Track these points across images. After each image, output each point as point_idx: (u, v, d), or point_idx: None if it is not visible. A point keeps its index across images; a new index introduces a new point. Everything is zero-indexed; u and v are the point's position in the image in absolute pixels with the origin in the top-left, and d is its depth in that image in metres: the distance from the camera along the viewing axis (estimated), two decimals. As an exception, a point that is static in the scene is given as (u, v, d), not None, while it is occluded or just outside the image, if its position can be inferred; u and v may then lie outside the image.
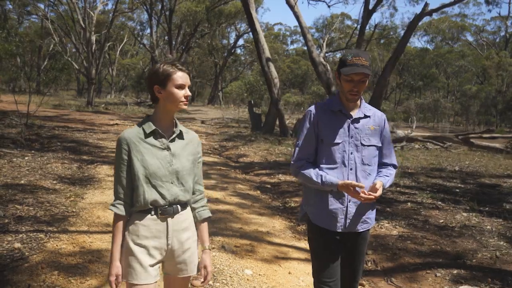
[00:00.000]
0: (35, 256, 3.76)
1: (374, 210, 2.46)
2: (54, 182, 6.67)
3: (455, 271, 4.08)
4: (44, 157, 8.56)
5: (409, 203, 6.68)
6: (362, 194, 2.21)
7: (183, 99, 1.99)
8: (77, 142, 11.19)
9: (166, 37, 38.08)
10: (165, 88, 1.98)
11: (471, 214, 6.15)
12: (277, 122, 17.27)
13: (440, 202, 6.82)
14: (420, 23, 39.14)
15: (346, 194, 2.31)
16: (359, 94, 2.31)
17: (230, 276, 3.64)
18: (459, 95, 40.67)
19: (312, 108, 2.43)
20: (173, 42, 34.98)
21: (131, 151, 1.97)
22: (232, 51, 48.32)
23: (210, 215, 2.19)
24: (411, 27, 15.82)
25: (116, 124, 17.49)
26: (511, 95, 35.51)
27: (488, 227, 5.54)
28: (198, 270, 2.11)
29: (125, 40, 44.53)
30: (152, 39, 36.46)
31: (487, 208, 6.50)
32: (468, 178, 9.64)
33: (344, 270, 2.44)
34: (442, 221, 5.79)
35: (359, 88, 2.28)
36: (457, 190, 7.92)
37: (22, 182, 6.42)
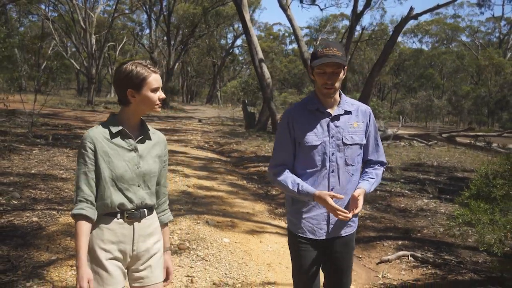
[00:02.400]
0: (50, 227, 4.56)
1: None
2: (61, 172, 7.45)
3: (400, 242, 4.89)
4: (50, 151, 9.33)
5: (378, 191, 7.48)
6: (340, 214, 2.06)
7: (158, 102, 1.94)
8: (80, 138, 11.95)
9: (165, 38, 38.82)
10: (140, 91, 1.90)
11: (431, 200, 6.95)
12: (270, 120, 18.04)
13: (407, 191, 7.62)
14: (412, 25, 39.72)
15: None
16: (334, 87, 2.14)
17: (210, 243, 4.44)
18: (451, 94, 41.52)
19: (288, 109, 2.30)
20: (172, 42, 35.79)
21: (97, 152, 1.88)
22: (230, 51, 49.15)
23: (172, 218, 2.18)
24: (397, 30, 16.60)
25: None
26: (501, 96, 36.34)
27: (442, 210, 6.34)
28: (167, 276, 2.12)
29: (124, 40, 45.33)
30: (151, 39, 37.25)
31: (447, 196, 7.30)
32: (443, 172, 10.44)
33: (330, 280, 2.33)
34: (403, 205, 6.59)
35: (333, 81, 2.12)
36: (427, 182, 8.71)
37: (33, 171, 7.20)
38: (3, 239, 4.12)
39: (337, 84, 2.14)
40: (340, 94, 2.26)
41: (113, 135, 1.91)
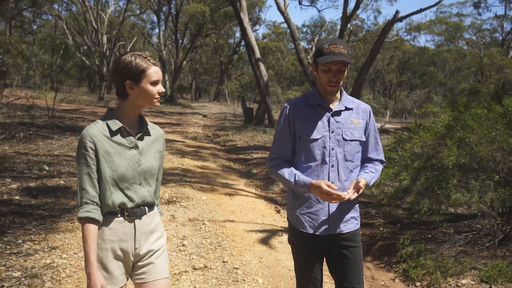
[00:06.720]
0: (74, 187, 6.09)
1: (357, 208, 2.32)
2: (79, 153, 9.00)
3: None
4: (68, 138, 10.92)
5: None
6: (334, 197, 2.04)
7: (157, 95, 1.88)
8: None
9: (173, 37, 40.41)
10: (139, 84, 1.84)
11: (383, 177, 8.37)
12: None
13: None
14: (410, 24, 40.79)
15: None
16: (338, 85, 2.16)
17: (192, 199, 5.95)
18: (447, 91, 42.66)
19: (288, 103, 2.30)
20: (180, 41, 37.37)
21: (98, 151, 1.82)
22: (237, 49, 50.56)
23: (163, 212, 2.18)
24: (384, 31, 17.93)
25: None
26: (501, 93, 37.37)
27: (388, 183, 7.76)
28: None
29: (134, 39, 47.03)
30: (159, 39, 38.89)
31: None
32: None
33: (341, 282, 2.26)
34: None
35: (338, 79, 2.14)
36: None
37: (56, 153, 8.76)
38: (40, 193, 5.67)
39: (341, 82, 2.18)
40: (341, 92, 2.28)
41: (113, 133, 1.86)
